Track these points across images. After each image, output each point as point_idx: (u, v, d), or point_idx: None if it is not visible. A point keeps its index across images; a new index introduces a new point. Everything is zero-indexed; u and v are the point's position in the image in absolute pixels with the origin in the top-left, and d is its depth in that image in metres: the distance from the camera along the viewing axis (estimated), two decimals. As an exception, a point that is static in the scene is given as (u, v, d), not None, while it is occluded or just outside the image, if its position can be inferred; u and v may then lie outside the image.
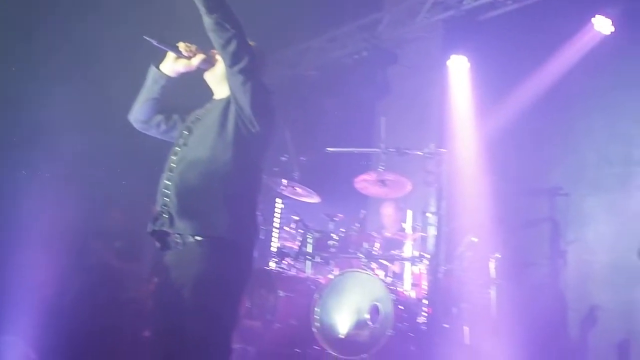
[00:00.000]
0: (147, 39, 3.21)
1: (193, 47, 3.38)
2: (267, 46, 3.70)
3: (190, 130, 3.37)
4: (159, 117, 3.57)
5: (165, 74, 3.45)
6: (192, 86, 3.54)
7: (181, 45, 3.38)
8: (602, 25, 6.83)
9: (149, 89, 3.50)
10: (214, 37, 3.13)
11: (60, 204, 6.26)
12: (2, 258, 5.81)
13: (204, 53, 3.39)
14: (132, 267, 6.68)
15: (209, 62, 3.40)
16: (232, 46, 3.12)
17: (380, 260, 6.40)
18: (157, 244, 3.29)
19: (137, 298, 6.24)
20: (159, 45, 3.29)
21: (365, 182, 6.71)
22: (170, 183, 3.24)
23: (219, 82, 3.42)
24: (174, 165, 3.28)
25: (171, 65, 3.44)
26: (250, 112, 3.21)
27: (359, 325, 5.69)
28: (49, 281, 5.97)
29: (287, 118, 6.30)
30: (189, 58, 3.38)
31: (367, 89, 8.07)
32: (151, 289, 5.90)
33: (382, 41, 8.32)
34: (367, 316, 5.68)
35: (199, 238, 3.12)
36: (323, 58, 8.82)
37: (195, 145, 3.28)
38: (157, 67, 3.46)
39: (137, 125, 3.61)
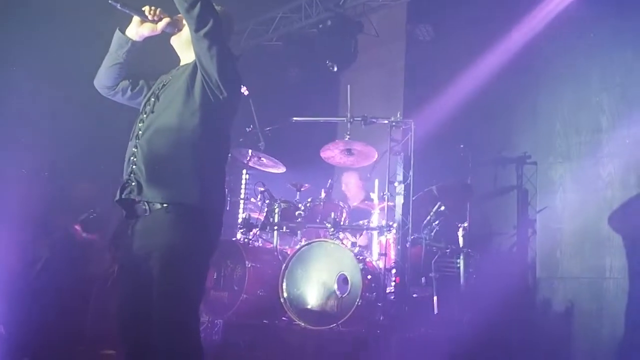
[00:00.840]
0: (111, 2, 3.14)
1: (158, 11, 3.30)
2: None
3: (156, 97, 3.28)
4: (125, 83, 3.49)
5: (130, 38, 3.35)
6: (158, 51, 3.47)
7: (146, 9, 3.29)
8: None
9: (113, 54, 3.40)
10: (178, 1, 3.06)
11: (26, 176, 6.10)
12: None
13: (169, 17, 3.31)
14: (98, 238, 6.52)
15: (175, 26, 3.33)
16: (197, 9, 3.04)
17: (347, 231, 6.31)
18: (124, 212, 3.21)
19: (102, 269, 6.10)
20: (123, 9, 3.21)
21: (331, 152, 6.61)
22: (137, 150, 3.16)
23: (185, 47, 3.34)
24: (141, 132, 3.20)
25: (136, 30, 3.34)
26: (217, 78, 3.14)
27: (327, 295, 5.62)
28: (16, 255, 5.80)
29: (251, 89, 6.13)
30: (154, 22, 3.30)
31: (332, 59, 7.92)
32: (115, 257, 5.76)
33: (346, 10, 8.19)
34: (335, 286, 5.61)
35: (166, 205, 3.04)
36: (287, 28, 8.66)
37: (162, 112, 3.20)
38: (123, 32, 3.36)
39: (102, 91, 3.51)
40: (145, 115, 3.25)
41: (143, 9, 3.29)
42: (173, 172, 3.09)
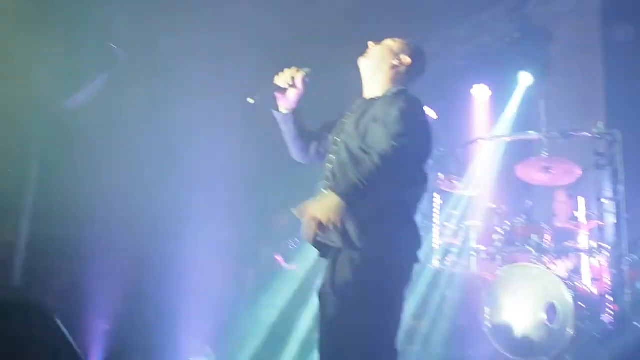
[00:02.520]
0: (249, 101, 3.18)
1: (287, 73, 3.28)
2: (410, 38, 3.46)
3: (339, 137, 3.25)
4: (315, 144, 3.48)
5: (287, 112, 3.37)
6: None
7: (278, 80, 3.29)
8: None
9: (286, 132, 3.44)
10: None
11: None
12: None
13: (302, 70, 3.30)
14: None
15: (306, 77, 3.30)
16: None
17: (552, 253, 5.89)
18: (316, 251, 3.22)
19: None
20: (263, 97, 3.25)
21: (528, 170, 6.22)
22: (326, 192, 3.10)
23: (370, 77, 3.32)
24: (329, 175, 3.17)
25: (284, 102, 3.36)
26: None
27: (535, 325, 5.23)
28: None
29: (439, 110, 5.98)
30: (293, 86, 3.30)
31: (523, 72, 7.54)
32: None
33: (533, 20, 7.77)
34: (543, 315, 5.21)
35: (356, 249, 3.00)
36: (470, 45, 8.38)
37: (345, 155, 3.14)
38: (277, 110, 3.39)
39: (304, 162, 3.54)
40: (333, 156, 3.23)
41: (275, 82, 3.28)
42: (360, 215, 2.99)
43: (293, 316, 6.16)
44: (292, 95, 3.33)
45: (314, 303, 4.77)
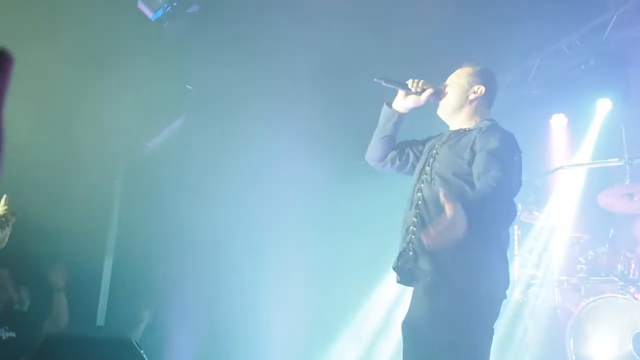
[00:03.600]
0: (376, 80, 3.31)
1: (421, 82, 3.38)
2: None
3: (431, 166, 3.29)
4: (393, 153, 3.55)
5: (397, 111, 3.45)
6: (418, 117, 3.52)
7: (409, 82, 3.40)
8: None
9: (382, 127, 3.51)
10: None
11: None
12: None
13: (432, 87, 3.38)
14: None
15: (438, 97, 3.39)
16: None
17: (639, 283, 5.66)
18: (400, 279, 3.25)
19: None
20: (388, 85, 3.37)
21: (610, 198, 6.06)
22: (416, 220, 3.16)
23: (452, 115, 3.38)
24: (420, 203, 3.20)
25: (401, 102, 3.44)
26: None
27: (622, 357, 5.03)
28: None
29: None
30: (418, 94, 3.38)
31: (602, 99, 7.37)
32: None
33: (610, 46, 7.59)
34: (631, 347, 5.01)
35: (445, 277, 3.01)
36: (546, 74, 8.26)
37: (441, 183, 3.17)
38: (389, 105, 3.48)
39: (372, 164, 3.62)
40: (422, 185, 3.23)
41: (407, 82, 3.38)
42: (453, 246, 2.96)
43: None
44: (412, 101, 3.41)
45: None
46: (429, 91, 3.33)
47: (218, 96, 6.46)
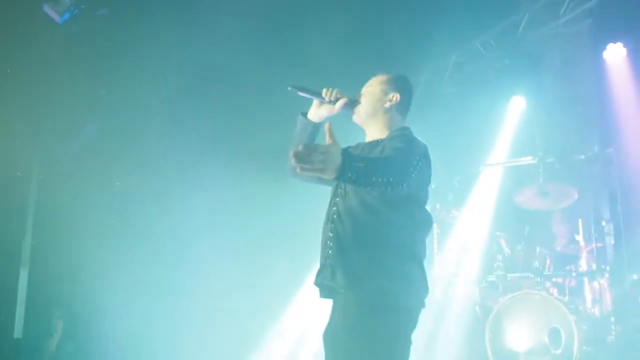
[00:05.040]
0: (290, 89, 3.20)
1: (335, 92, 3.29)
2: (399, 69, 3.51)
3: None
4: None
5: (312, 121, 3.37)
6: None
7: (323, 91, 3.30)
8: None
9: (298, 137, 3.39)
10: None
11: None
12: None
13: (346, 97, 3.30)
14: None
15: (352, 106, 3.32)
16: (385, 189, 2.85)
17: (553, 278, 5.83)
18: (321, 294, 3.18)
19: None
20: (303, 94, 3.27)
21: (525, 196, 6.21)
22: (332, 235, 3.10)
23: (368, 123, 3.31)
24: (335, 217, 3.13)
25: (315, 111, 3.35)
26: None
27: (539, 351, 5.16)
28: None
29: (434, 139, 5.97)
30: (332, 103, 3.30)
31: (516, 98, 7.54)
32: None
33: (524, 45, 7.78)
34: (547, 340, 5.15)
35: (361, 291, 2.95)
36: (461, 73, 8.39)
37: (353, 194, 3.11)
38: (304, 115, 3.40)
39: (290, 175, 3.47)
40: (337, 199, 3.18)
41: (321, 90, 3.29)
42: (367, 259, 2.97)
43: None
44: (326, 110, 3.32)
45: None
46: (342, 100, 3.26)
47: (128, 100, 6.26)
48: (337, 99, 3.27)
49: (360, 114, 3.30)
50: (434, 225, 6.75)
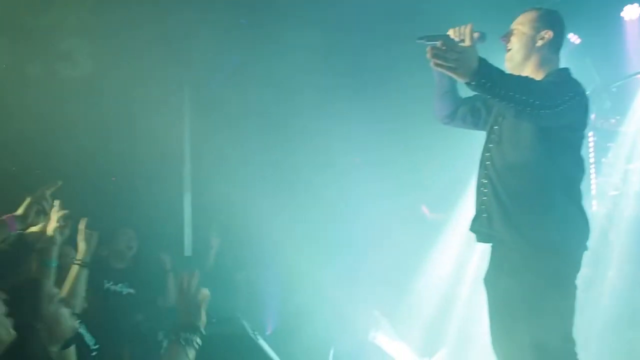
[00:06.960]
0: (418, 41, 3.04)
1: (463, 28, 3.02)
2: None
3: (499, 123, 3.13)
4: (464, 109, 3.37)
5: None
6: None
7: (451, 32, 3.11)
8: None
9: (438, 84, 3.33)
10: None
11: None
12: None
13: (477, 32, 3.02)
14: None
15: (484, 38, 3.07)
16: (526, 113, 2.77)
17: None
18: (478, 239, 3.19)
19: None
20: (429, 43, 2.99)
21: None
22: (487, 182, 3.08)
23: (520, 65, 3.12)
24: (489, 163, 3.10)
25: None
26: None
27: None
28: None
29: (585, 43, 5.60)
30: (462, 42, 3.08)
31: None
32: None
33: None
34: None
35: (521, 237, 2.95)
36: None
37: (507, 142, 3.06)
38: None
39: (442, 121, 3.45)
40: (491, 145, 3.13)
41: (448, 33, 3.12)
42: (524, 204, 2.96)
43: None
44: None
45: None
46: (474, 34, 2.91)
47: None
48: (469, 36, 2.93)
49: (513, 58, 3.14)
50: (590, 133, 6.44)
